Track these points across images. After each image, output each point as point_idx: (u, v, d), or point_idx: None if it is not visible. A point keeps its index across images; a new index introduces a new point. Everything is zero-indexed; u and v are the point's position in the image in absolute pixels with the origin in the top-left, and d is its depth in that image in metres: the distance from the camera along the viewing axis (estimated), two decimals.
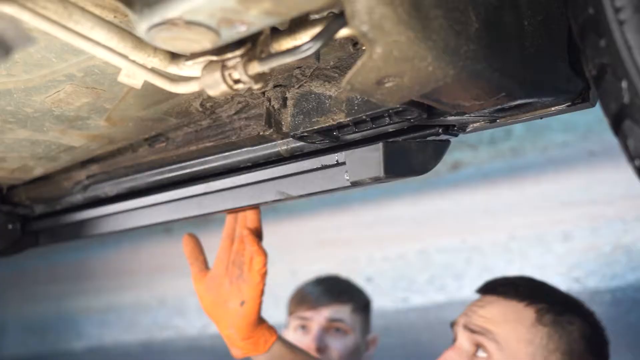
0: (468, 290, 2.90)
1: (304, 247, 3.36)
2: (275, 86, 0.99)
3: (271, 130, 1.02)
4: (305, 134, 0.94)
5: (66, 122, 1.07)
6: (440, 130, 0.99)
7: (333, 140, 0.97)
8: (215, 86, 0.73)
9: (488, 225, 2.89)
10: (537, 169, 2.81)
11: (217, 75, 0.73)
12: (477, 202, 2.93)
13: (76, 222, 1.40)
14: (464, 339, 1.25)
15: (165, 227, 3.78)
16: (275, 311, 3.13)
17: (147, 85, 0.99)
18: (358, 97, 0.88)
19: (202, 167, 1.17)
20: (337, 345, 1.73)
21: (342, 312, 1.76)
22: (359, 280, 3.18)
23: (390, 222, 3.15)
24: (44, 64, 0.89)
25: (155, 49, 0.77)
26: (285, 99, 0.99)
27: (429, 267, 3.04)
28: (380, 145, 0.94)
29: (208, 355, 3.50)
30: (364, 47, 0.86)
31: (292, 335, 1.78)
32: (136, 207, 1.27)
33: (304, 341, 1.72)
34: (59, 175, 1.35)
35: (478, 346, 1.22)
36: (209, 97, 1.05)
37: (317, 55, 0.87)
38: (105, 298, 3.95)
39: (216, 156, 1.14)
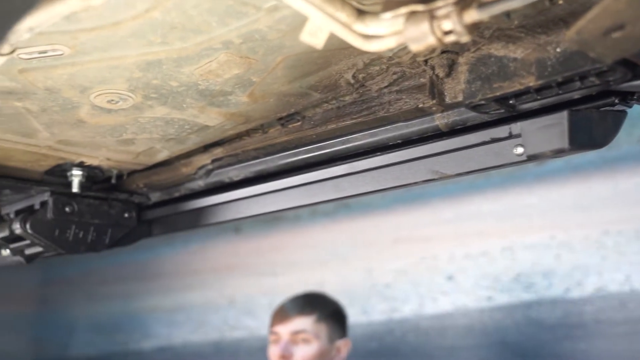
0: (558, 288, 2.78)
1: (380, 245, 3.27)
2: (442, 52, 0.91)
3: (433, 101, 0.94)
4: (483, 102, 0.86)
5: (208, 97, 1.00)
6: (616, 100, 0.89)
7: (509, 110, 0.89)
8: (422, 39, 0.65)
9: (579, 221, 2.76)
10: (632, 160, 2.68)
11: (425, 26, 0.65)
12: (567, 196, 2.80)
13: (195, 210, 1.34)
14: None
15: (235, 226, 3.73)
16: (350, 309, 3.06)
17: (299, 55, 0.93)
18: (551, 57, 0.79)
19: (342, 147, 1.10)
20: (302, 353, 1.98)
21: (305, 323, 2.01)
22: (438, 278, 3.09)
23: (472, 218, 3.04)
24: (203, 29, 0.83)
25: (343, 4, 0.70)
26: (451, 67, 0.91)
27: (515, 264, 2.92)
28: (565, 113, 0.85)
29: None
30: (560, 2, 0.78)
31: (270, 347, 2.05)
32: (265, 191, 1.21)
33: (275, 352, 1.99)
34: (178, 160, 1.29)
35: None
36: (363, 69, 0.97)
37: (506, 12, 0.79)
38: (174, 298, 3.92)
39: (360, 134, 1.06)
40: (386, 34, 0.70)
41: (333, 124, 1.09)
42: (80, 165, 1.24)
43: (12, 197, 1.32)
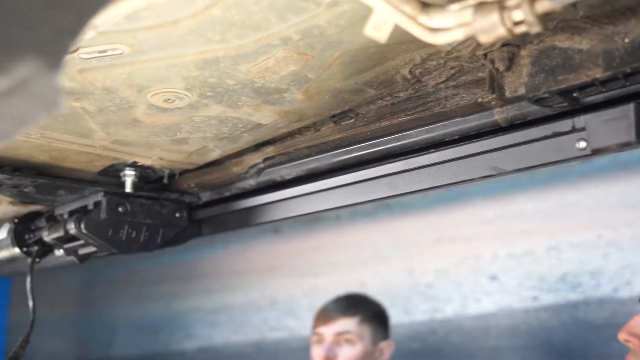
0: (606, 288, 2.72)
1: (421, 245, 3.25)
2: (503, 45, 0.89)
3: (492, 96, 0.92)
4: (547, 95, 0.84)
5: (263, 95, 1.00)
6: None
7: (572, 103, 0.87)
8: (491, 30, 0.64)
9: (627, 219, 2.71)
10: None
11: (494, 17, 0.63)
12: (614, 193, 2.75)
13: (246, 209, 1.34)
14: None
15: (274, 227, 3.74)
16: (392, 309, 3.03)
17: (356, 51, 0.92)
18: (619, 48, 0.77)
19: (397, 144, 1.08)
20: (346, 354, 1.97)
21: (349, 325, 2.01)
22: (481, 278, 3.06)
23: (516, 217, 3.00)
24: (262, 26, 0.82)
25: None
26: (512, 60, 0.89)
27: (561, 264, 2.87)
28: (631, 106, 0.83)
29: None
30: None
31: (313, 348, 2.05)
32: (318, 189, 1.20)
33: (318, 353, 1.99)
34: (229, 160, 1.29)
35: None
36: (420, 64, 0.96)
37: (574, 2, 0.77)
38: (215, 298, 3.94)
39: (415, 130, 1.05)
40: (452, 26, 0.69)
41: (387, 120, 1.08)
42: (133, 165, 1.25)
43: (65, 198, 1.34)
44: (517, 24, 0.64)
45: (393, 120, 1.07)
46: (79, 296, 4.56)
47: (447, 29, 0.69)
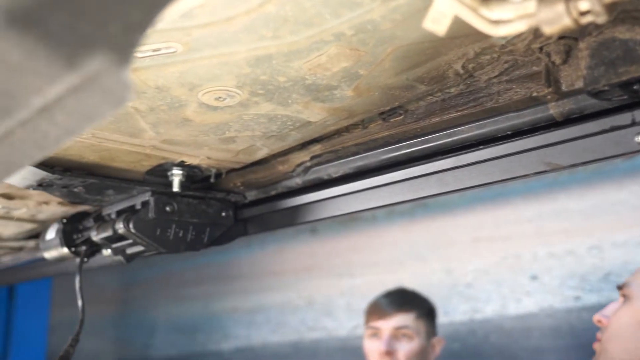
0: None
1: (460, 244, 3.22)
2: (559, 38, 0.87)
3: (548, 90, 0.90)
4: (606, 88, 0.82)
5: (314, 92, 1.00)
6: None
7: (632, 96, 0.85)
8: (556, 21, 0.63)
9: None
10: None
11: (560, 7, 0.62)
12: None
13: (292, 208, 1.34)
14: None
15: (311, 227, 3.74)
16: None
17: (409, 46, 0.91)
18: None
19: (447, 140, 1.07)
20: (404, 348, 1.99)
21: (407, 319, 2.03)
22: (522, 278, 3.02)
23: (556, 216, 2.96)
24: (315, 22, 0.82)
25: None
26: (568, 53, 0.87)
27: (604, 263, 2.82)
28: None
29: (359, 356, 3.42)
30: None
31: (367, 342, 2.07)
32: (365, 187, 1.19)
33: (375, 346, 2.00)
34: (275, 158, 1.29)
35: None
36: (473, 58, 0.95)
37: None
38: (253, 299, 3.96)
39: (467, 126, 1.04)
40: (513, 18, 0.68)
41: (437, 117, 1.07)
42: (181, 164, 1.26)
43: (113, 198, 1.35)
44: (583, 14, 0.62)
45: (443, 116, 1.06)
46: (118, 297, 4.61)
47: (508, 21, 0.68)
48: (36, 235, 1.82)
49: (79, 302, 1.39)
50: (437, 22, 0.71)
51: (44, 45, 0.49)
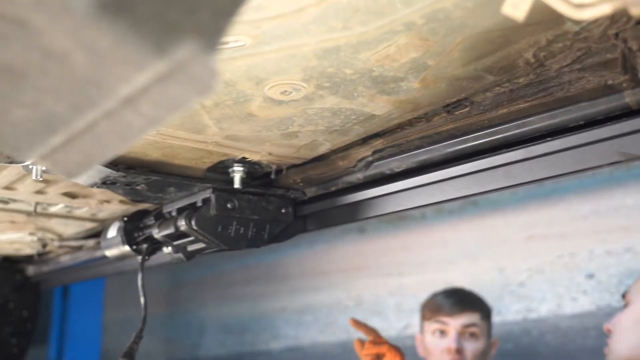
0: None
1: (512, 243, 3.16)
2: (637, 23, 0.84)
3: (624, 77, 0.87)
4: None
5: (380, 84, 0.98)
6: None
7: None
8: None
9: None
10: None
11: None
12: None
13: (352, 204, 1.32)
14: None
15: (359, 227, 3.72)
16: None
17: (479, 35, 0.89)
18: None
19: (515, 132, 1.04)
20: (471, 347, 1.99)
21: (474, 318, 2.03)
22: (578, 277, 2.95)
23: (613, 213, 2.89)
24: (386, 11, 0.81)
25: None
26: None
27: None
28: None
29: (409, 356, 3.39)
30: None
31: (430, 338, 2.05)
32: (429, 182, 1.17)
33: (443, 344, 1.98)
34: (335, 154, 1.28)
35: None
36: (545, 46, 0.92)
37: None
38: (301, 299, 3.95)
39: (537, 117, 1.01)
40: (597, 0, 0.65)
41: (504, 108, 1.04)
42: (242, 161, 1.26)
43: (174, 195, 1.36)
44: None
45: (511, 107, 1.03)
46: (167, 297, 4.66)
47: (592, 3, 0.66)
48: (95, 234, 1.85)
49: (142, 299, 1.40)
50: (516, 8, 0.69)
51: (134, 32, 0.49)
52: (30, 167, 1.15)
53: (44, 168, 1.15)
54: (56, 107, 0.58)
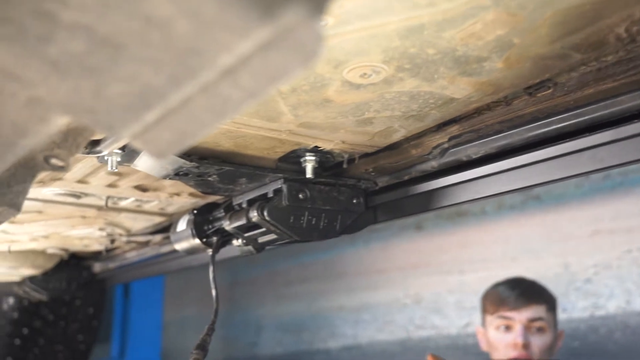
0: None
1: (577, 238, 3.08)
2: None
3: None
4: None
5: (462, 65, 0.95)
6: None
7: None
8: None
9: None
10: None
11: None
12: None
13: (425, 193, 1.29)
14: None
15: (417, 224, 3.69)
16: None
17: (569, 9, 0.85)
18: None
19: (604, 112, 1.00)
20: (538, 342, 1.95)
21: (540, 311, 1.99)
22: None
23: None
24: None
25: None
26: None
27: None
28: None
29: (471, 355, 3.34)
30: None
31: (494, 333, 2.00)
32: (509, 167, 1.13)
33: (508, 339, 1.94)
34: (407, 142, 1.25)
35: None
36: (639, 20, 0.88)
37: None
38: (358, 297, 3.93)
39: (628, 95, 0.96)
40: None
41: (590, 88, 1.00)
42: (314, 150, 1.24)
43: (245, 187, 1.35)
44: None
45: (598, 87, 0.99)
46: (225, 296, 4.69)
47: None
48: (162, 229, 1.86)
49: (213, 292, 1.40)
50: None
51: None
52: (105, 158, 1.15)
53: (119, 159, 1.15)
54: (154, 80, 0.57)
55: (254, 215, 1.28)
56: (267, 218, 1.26)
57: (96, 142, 1.06)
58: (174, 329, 4.44)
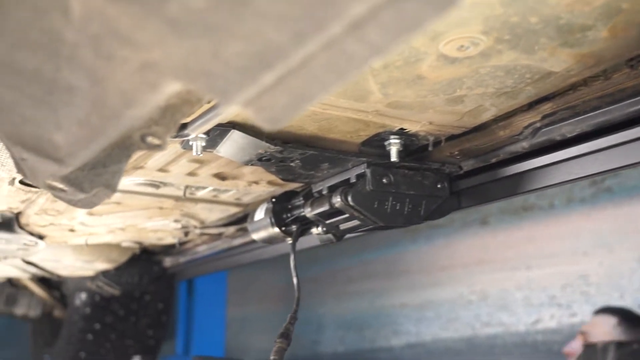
0: None
1: None
2: None
3: None
4: None
5: (564, 35, 0.91)
6: None
7: None
8: None
9: None
10: None
11: None
12: None
13: (513, 176, 1.25)
14: None
15: (481, 219, 3.61)
16: (621, 303, 2.78)
17: None
18: None
19: None
20: None
21: None
22: None
23: None
24: None
25: None
26: None
27: None
28: None
29: (540, 352, 3.25)
30: None
31: None
32: (608, 145, 1.08)
33: None
34: (495, 123, 1.21)
35: None
36: None
37: None
38: (421, 294, 3.87)
39: None
40: None
41: None
42: (399, 133, 1.21)
43: (326, 173, 1.33)
44: None
45: None
46: (284, 294, 4.68)
47: None
48: (235, 221, 1.85)
49: (294, 280, 1.39)
50: None
51: None
52: (190, 143, 1.14)
53: (203, 144, 1.15)
54: (276, 37, 0.54)
55: (337, 200, 1.25)
56: (351, 203, 1.23)
57: (183, 126, 1.05)
58: (236, 327, 4.46)
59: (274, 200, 1.46)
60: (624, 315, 2.51)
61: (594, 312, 2.72)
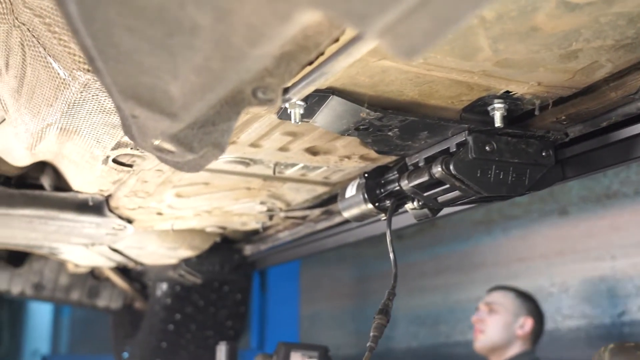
0: None
1: None
2: None
3: None
4: None
5: None
6: None
7: None
8: None
9: None
10: None
11: None
12: None
13: (627, 140, 1.17)
14: None
15: (561, 209, 3.50)
16: None
17: None
18: None
19: None
20: None
21: None
22: None
23: None
24: None
25: None
26: None
27: None
28: None
29: None
30: None
31: None
32: None
33: None
34: (606, 84, 1.14)
35: None
36: None
37: None
38: None
39: None
40: None
41: None
42: (504, 96, 1.15)
43: (424, 143, 1.28)
44: None
45: None
46: (354, 290, 4.65)
47: None
48: (319, 204, 1.82)
49: (391, 255, 1.34)
50: None
51: None
52: (289, 111, 1.11)
53: (302, 112, 1.11)
54: None
55: (437, 170, 1.20)
56: (453, 172, 1.18)
57: (285, 91, 1.02)
58: (307, 323, 4.45)
59: (366, 175, 1.42)
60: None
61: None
